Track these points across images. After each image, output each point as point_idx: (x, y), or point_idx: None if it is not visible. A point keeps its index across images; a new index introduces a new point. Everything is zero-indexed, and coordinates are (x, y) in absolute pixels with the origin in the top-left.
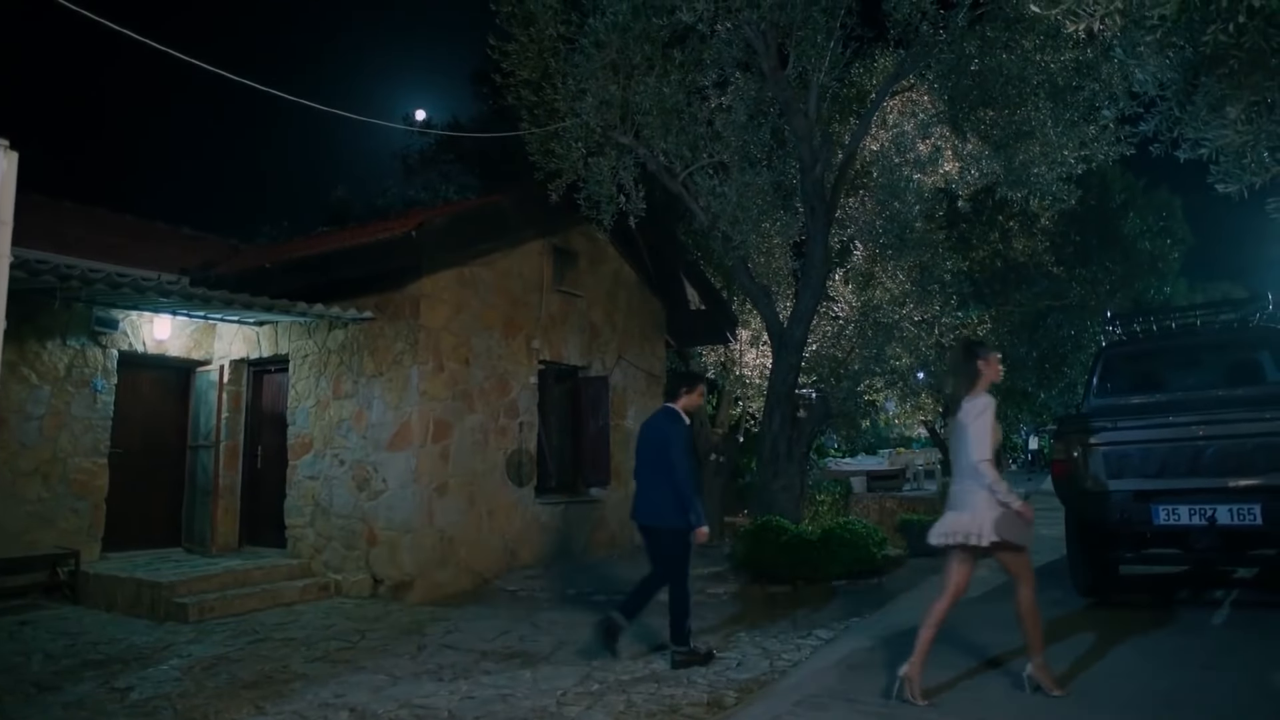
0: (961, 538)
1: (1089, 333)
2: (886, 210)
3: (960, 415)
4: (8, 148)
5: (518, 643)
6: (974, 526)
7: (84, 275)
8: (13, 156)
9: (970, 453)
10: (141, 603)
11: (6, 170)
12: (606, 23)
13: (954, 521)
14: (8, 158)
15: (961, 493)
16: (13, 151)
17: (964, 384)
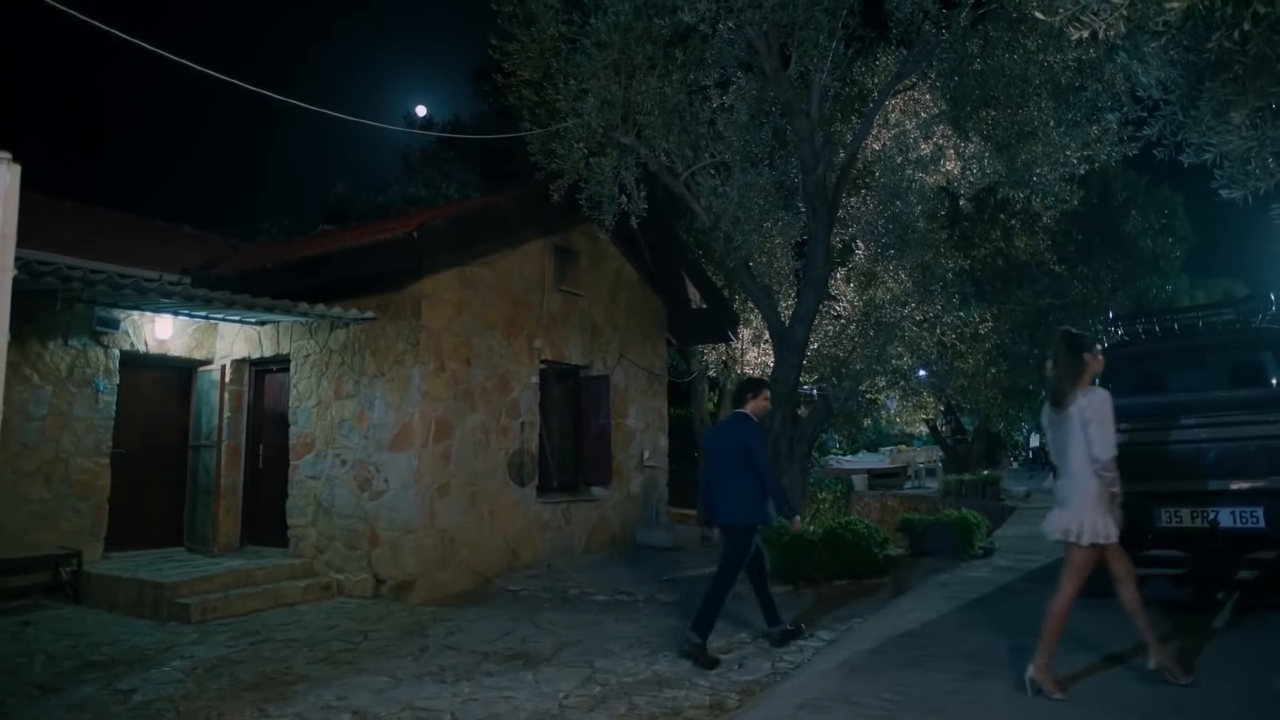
0: (1060, 535)
1: (1090, 331)
2: (888, 210)
3: (1072, 410)
4: (10, 160)
5: (520, 644)
6: (1074, 524)
7: (86, 277)
8: (15, 169)
9: (1096, 450)
10: (144, 603)
11: (10, 183)
12: (608, 23)
13: (1058, 518)
14: (10, 171)
15: (1068, 489)
16: (15, 164)
17: (1069, 378)
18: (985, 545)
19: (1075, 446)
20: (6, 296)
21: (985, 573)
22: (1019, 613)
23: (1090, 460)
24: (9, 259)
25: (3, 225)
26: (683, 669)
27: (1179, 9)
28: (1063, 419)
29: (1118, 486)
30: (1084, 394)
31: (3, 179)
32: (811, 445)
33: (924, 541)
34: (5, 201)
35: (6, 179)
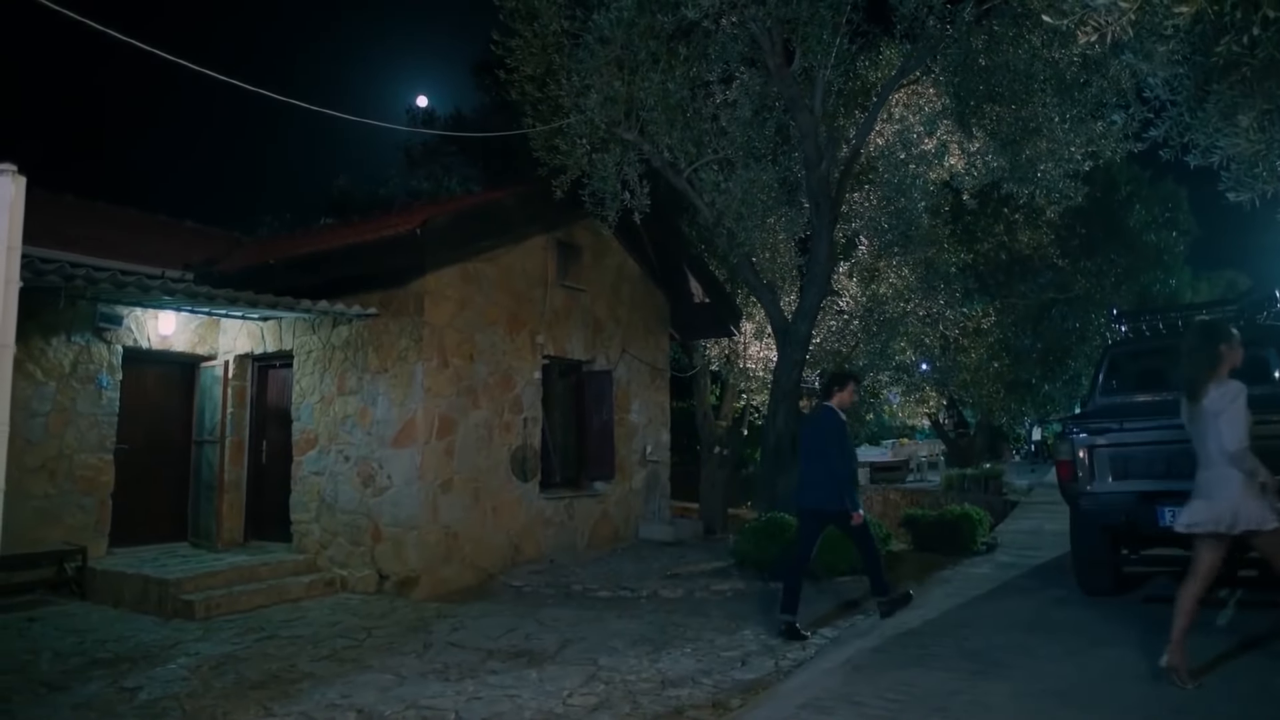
0: (1212, 526)
1: (1093, 325)
2: (892, 206)
3: (1206, 402)
4: (15, 173)
5: (523, 641)
6: (1225, 515)
7: (89, 275)
8: (20, 181)
9: (1225, 441)
10: (149, 599)
11: (15, 196)
12: (611, 19)
13: (1204, 510)
14: (15, 183)
15: (1211, 480)
16: (20, 177)
17: (1205, 370)
18: (988, 541)
19: (1211, 438)
20: (13, 308)
21: (988, 569)
22: (1021, 610)
23: (1220, 452)
24: (15, 271)
25: (9, 238)
26: (686, 667)
27: (1188, 13)
28: (1198, 411)
29: (1263, 474)
30: (1216, 386)
31: (8, 192)
32: None
33: (927, 537)
34: (11, 214)
35: (11, 192)
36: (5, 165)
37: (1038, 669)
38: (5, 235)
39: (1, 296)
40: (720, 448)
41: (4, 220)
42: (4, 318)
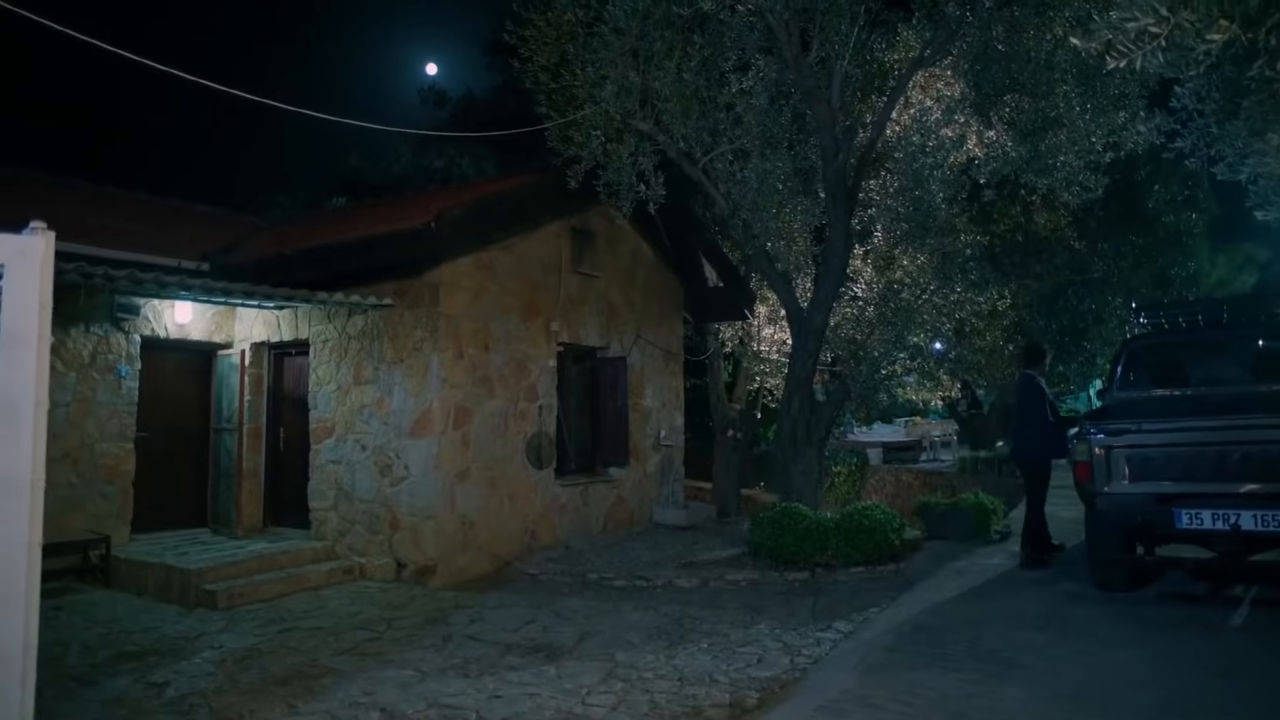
0: None
1: (1109, 307)
2: (909, 195)
3: None
4: (45, 229)
5: (541, 634)
6: None
7: (107, 274)
8: (49, 237)
9: None
10: (172, 588)
11: (45, 252)
12: (626, 9)
13: None
14: (45, 240)
15: None
16: (49, 232)
17: None
18: (1001, 530)
19: None
20: (45, 364)
21: (1001, 559)
22: (1033, 606)
23: None
24: (46, 327)
25: (41, 294)
26: (702, 664)
27: (1220, 41)
28: None
29: None
30: None
31: (38, 249)
32: (829, 430)
33: (940, 525)
34: (42, 271)
35: (43, 248)
36: (36, 223)
37: (1052, 670)
38: (37, 291)
39: (36, 351)
40: (734, 431)
41: (35, 277)
42: (39, 371)
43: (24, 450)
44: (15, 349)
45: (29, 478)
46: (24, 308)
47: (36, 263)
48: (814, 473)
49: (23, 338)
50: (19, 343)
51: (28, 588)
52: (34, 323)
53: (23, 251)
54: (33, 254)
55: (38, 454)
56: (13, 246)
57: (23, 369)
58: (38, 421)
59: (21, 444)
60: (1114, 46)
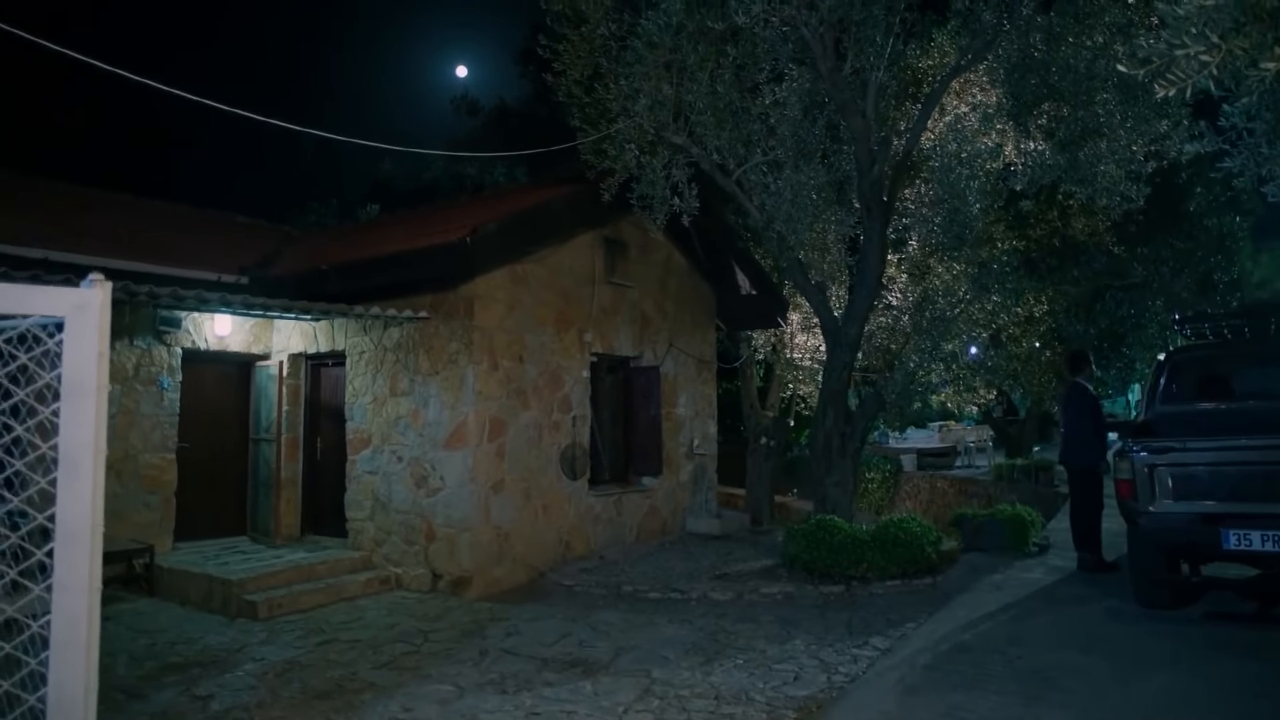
0: None
1: (1149, 312)
2: (945, 205)
3: None
4: (102, 279)
5: (577, 648)
6: None
7: (151, 292)
8: (106, 287)
9: None
10: (214, 598)
11: (103, 303)
12: (660, 23)
13: None
14: (103, 290)
15: None
16: (107, 283)
17: None
18: (1039, 542)
19: None
20: (104, 413)
21: (1040, 574)
22: (1074, 624)
23: None
24: (105, 376)
25: (99, 343)
26: (738, 681)
27: (1274, 70)
28: None
29: None
30: None
31: (96, 301)
32: (864, 440)
33: (977, 537)
34: (101, 322)
35: (100, 297)
36: (95, 275)
37: (1095, 694)
38: (96, 343)
39: (95, 402)
40: (767, 439)
41: (95, 329)
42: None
43: (84, 499)
44: (76, 400)
45: (89, 525)
46: (84, 360)
47: (95, 315)
48: (848, 484)
49: (83, 389)
50: (79, 394)
51: (89, 632)
52: (93, 373)
53: (82, 305)
54: (91, 306)
55: (97, 502)
56: (73, 300)
57: (83, 420)
58: (97, 469)
59: (82, 494)
60: (1162, 74)
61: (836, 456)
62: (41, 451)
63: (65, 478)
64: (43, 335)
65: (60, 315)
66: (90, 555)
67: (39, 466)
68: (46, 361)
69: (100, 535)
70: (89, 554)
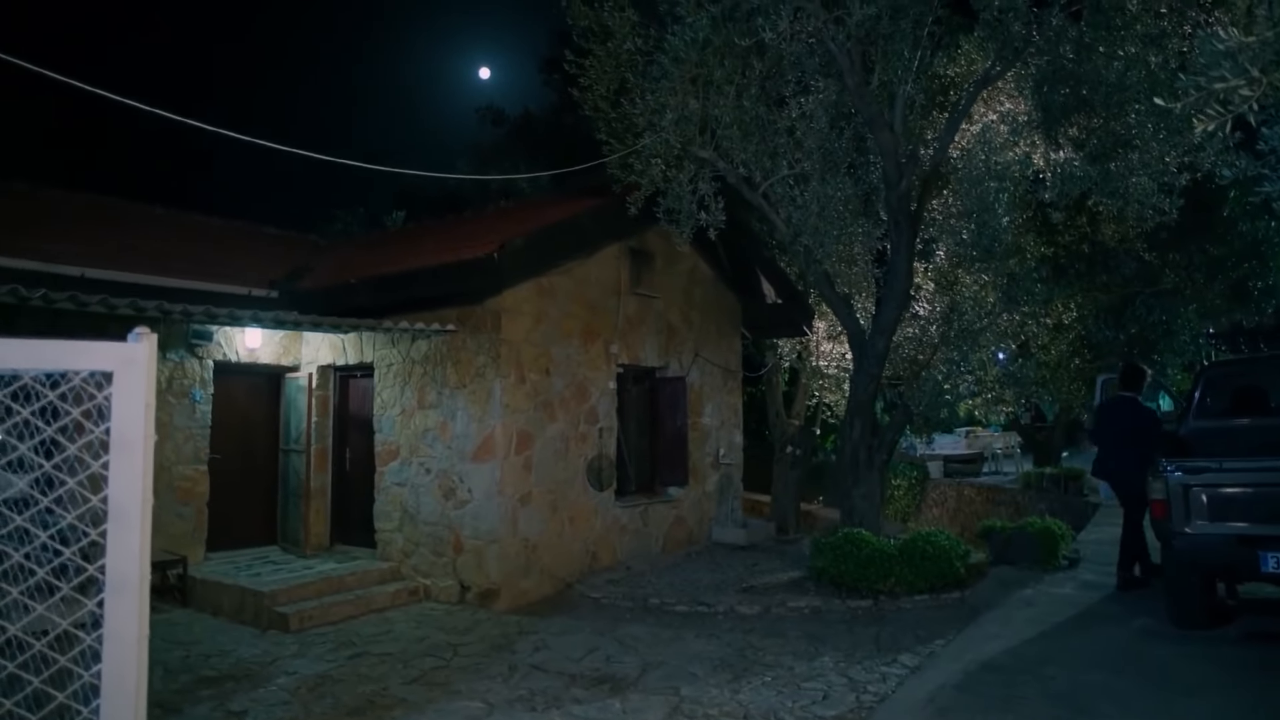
0: None
1: (1181, 318)
2: (974, 219)
3: None
4: (149, 333)
5: (605, 664)
6: None
7: (185, 310)
8: (152, 340)
9: None
10: (245, 610)
11: (149, 355)
12: (686, 39)
13: None
14: (149, 343)
15: None
16: (152, 335)
17: None
18: (1069, 555)
19: None
20: (150, 463)
21: (1071, 589)
22: (1108, 644)
23: None
24: (151, 427)
25: (146, 395)
26: (767, 700)
27: None
28: None
29: None
30: None
31: (143, 355)
32: (891, 452)
33: (1006, 550)
34: (148, 374)
35: (146, 351)
36: (141, 329)
37: (1129, 719)
38: (144, 395)
39: (143, 453)
40: (792, 447)
41: (142, 382)
42: (145, 471)
43: (133, 550)
44: (124, 453)
45: (139, 576)
46: (132, 413)
47: (143, 368)
48: (875, 496)
49: (131, 441)
50: (127, 446)
51: (137, 681)
52: (141, 426)
53: (130, 359)
54: (139, 360)
55: (144, 552)
56: (121, 354)
57: (131, 471)
58: (144, 520)
59: (131, 545)
60: (1201, 109)
61: (864, 469)
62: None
63: (115, 529)
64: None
65: (109, 369)
66: (139, 605)
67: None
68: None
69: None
70: (137, 604)
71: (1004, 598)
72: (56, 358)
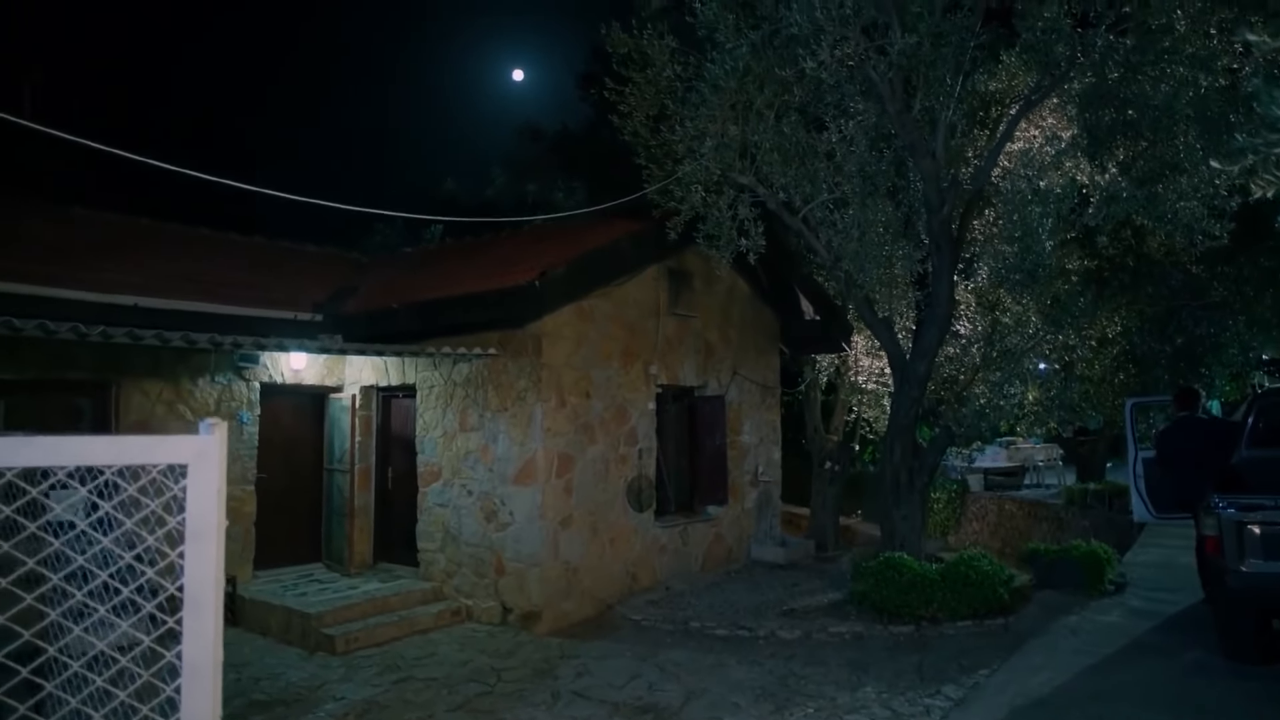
0: None
1: (1229, 332)
2: (1018, 244)
3: None
4: (219, 422)
5: (647, 692)
6: None
7: (235, 340)
8: (223, 429)
9: None
10: (293, 630)
11: (220, 446)
12: (726, 68)
13: None
14: (220, 433)
15: None
16: (223, 423)
17: None
18: (1115, 580)
19: None
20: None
21: (1118, 616)
22: (1160, 680)
23: None
24: (223, 514)
25: (218, 483)
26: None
27: None
28: None
29: None
30: None
31: (215, 445)
32: (932, 475)
33: (1050, 574)
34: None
35: (218, 444)
36: (213, 419)
37: None
38: (216, 483)
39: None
40: (831, 463)
41: (215, 472)
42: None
43: (208, 637)
44: (199, 542)
45: (212, 662)
46: (207, 503)
47: (215, 459)
48: (917, 519)
49: (205, 531)
50: (202, 536)
51: None
52: (215, 515)
53: (203, 451)
54: (211, 452)
55: (217, 639)
56: (194, 447)
57: (206, 559)
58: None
59: (205, 632)
60: (1259, 172)
61: (905, 491)
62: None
63: (190, 617)
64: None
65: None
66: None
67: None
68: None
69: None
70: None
71: (1049, 625)
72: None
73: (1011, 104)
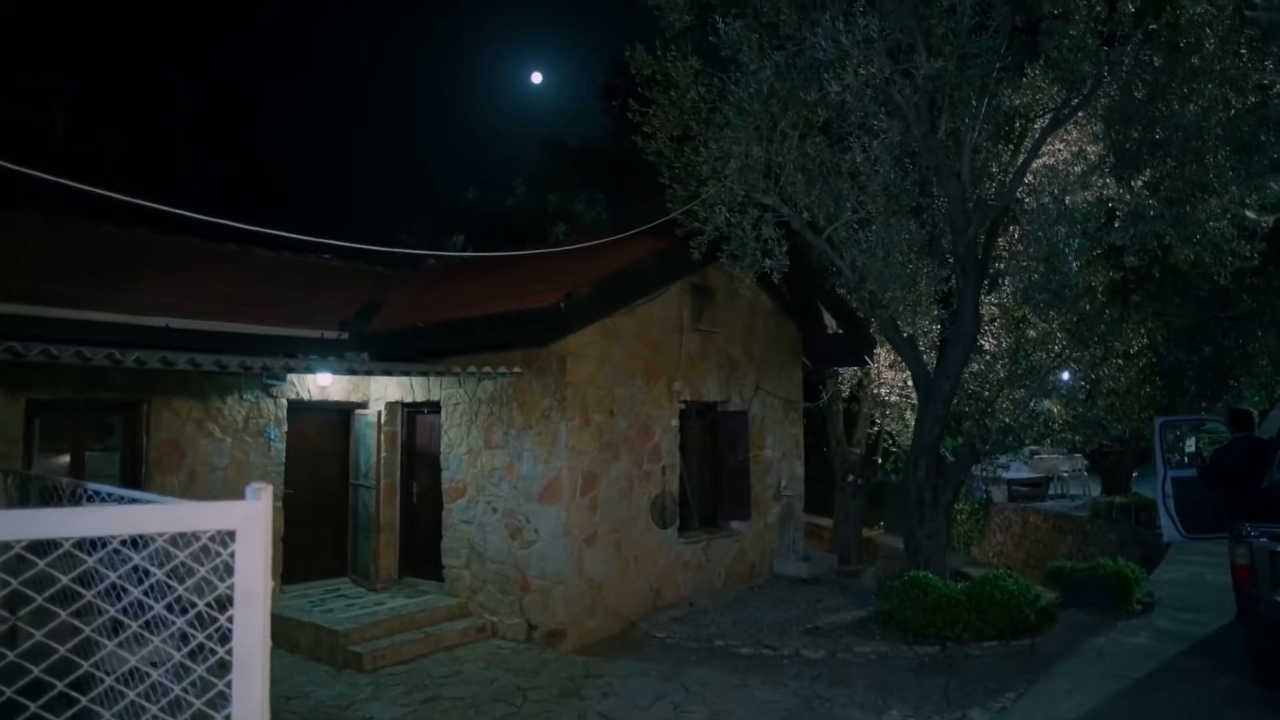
0: None
1: (1258, 343)
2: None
3: None
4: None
5: (673, 713)
6: None
7: (265, 365)
8: (268, 492)
9: None
10: (321, 647)
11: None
12: (750, 90)
13: None
14: (265, 496)
15: None
16: (268, 486)
17: None
18: (1143, 600)
19: None
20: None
21: (1146, 638)
22: (1191, 706)
23: None
24: (269, 576)
25: (265, 542)
26: None
27: None
28: None
29: None
30: None
31: (262, 511)
32: (957, 492)
33: (1077, 593)
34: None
35: (264, 507)
36: (259, 484)
37: None
38: (264, 548)
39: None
40: (854, 478)
41: (262, 536)
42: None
43: (255, 699)
44: (248, 606)
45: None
46: (254, 568)
47: (262, 523)
48: (941, 537)
49: (253, 594)
50: (251, 600)
51: None
52: (262, 578)
53: (251, 516)
54: (258, 516)
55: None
56: (243, 513)
57: (254, 623)
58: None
59: (253, 694)
60: None
61: (929, 509)
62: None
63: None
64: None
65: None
66: None
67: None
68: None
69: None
70: None
71: (1076, 647)
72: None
73: (1036, 118)
